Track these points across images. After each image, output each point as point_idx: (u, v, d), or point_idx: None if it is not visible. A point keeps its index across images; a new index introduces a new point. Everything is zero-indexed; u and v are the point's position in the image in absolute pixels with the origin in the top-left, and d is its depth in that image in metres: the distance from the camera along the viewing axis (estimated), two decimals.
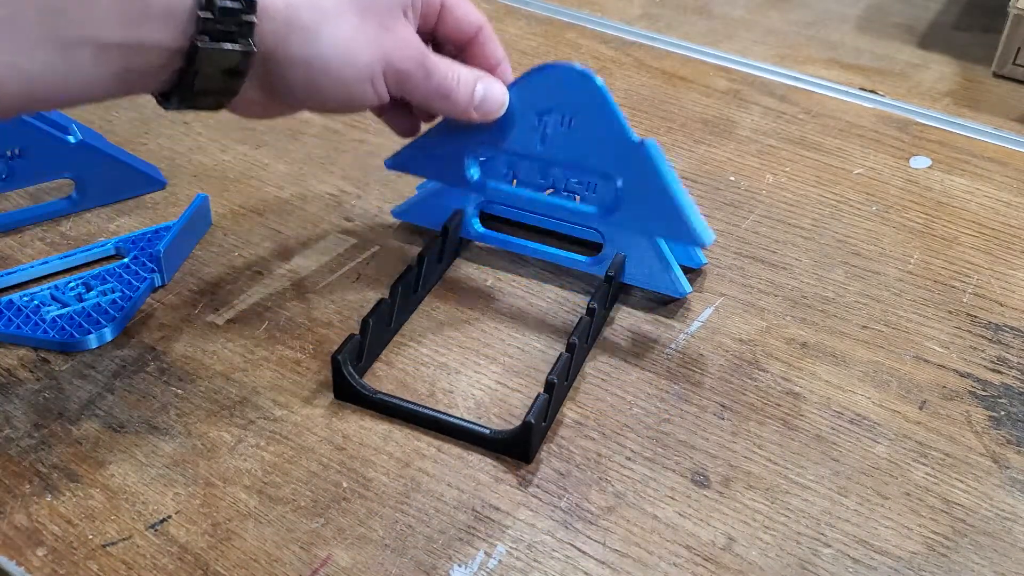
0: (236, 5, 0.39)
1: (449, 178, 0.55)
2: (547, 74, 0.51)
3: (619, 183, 0.52)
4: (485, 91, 0.49)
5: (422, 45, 0.46)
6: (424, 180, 0.60)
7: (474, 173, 0.55)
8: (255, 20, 0.40)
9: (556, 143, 0.52)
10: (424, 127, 0.53)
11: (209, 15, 0.39)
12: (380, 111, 0.52)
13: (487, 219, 0.58)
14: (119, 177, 0.60)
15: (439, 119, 0.53)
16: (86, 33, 0.37)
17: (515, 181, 0.55)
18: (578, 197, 0.54)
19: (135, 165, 0.60)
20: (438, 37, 0.50)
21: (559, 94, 0.51)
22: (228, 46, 0.40)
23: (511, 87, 0.51)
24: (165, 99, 0.42)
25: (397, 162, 0.56)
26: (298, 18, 0.42)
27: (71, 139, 0.56)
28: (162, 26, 0.38)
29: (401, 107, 0.51)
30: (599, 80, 0.50)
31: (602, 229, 0.54)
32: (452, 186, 0.56)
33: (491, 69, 0.51)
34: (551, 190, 0.54)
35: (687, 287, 0.54)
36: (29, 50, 0.36)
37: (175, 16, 0.39)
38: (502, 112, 0.50)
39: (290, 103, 0.46)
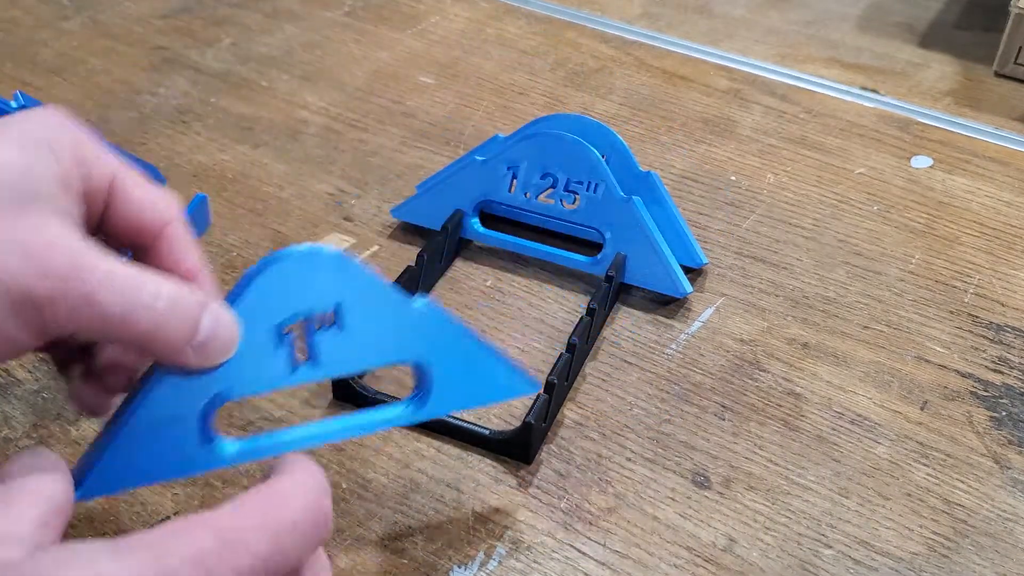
0: None
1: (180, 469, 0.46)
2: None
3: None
4: (214, 322, 0.32)
5: (75, 245, 0.29)
6: (424, 180, 0.60)
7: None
8: None
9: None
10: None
11: None
12: (61, 364, 0.36)
13: (487, 219, 0.58)
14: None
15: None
16: None
17: (514, 182, 0.55)
18: (577, 197, 0.54)
19: (133, 164, 0.60)
20: (108, 233, 0.34)
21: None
22: None
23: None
24: None
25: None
26: None
27: None
28: None
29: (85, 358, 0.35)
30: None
31: (601, 230, 0.54)
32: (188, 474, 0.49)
33: (180, 267, 0.35)
34: (551, 190, 0.54)
35: (688, 287, 0.53)
36: None
37: None
38: (230, 354, 0.33)
39: None
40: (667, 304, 0.55)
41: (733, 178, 0.65)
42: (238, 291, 0.33)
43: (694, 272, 0.56)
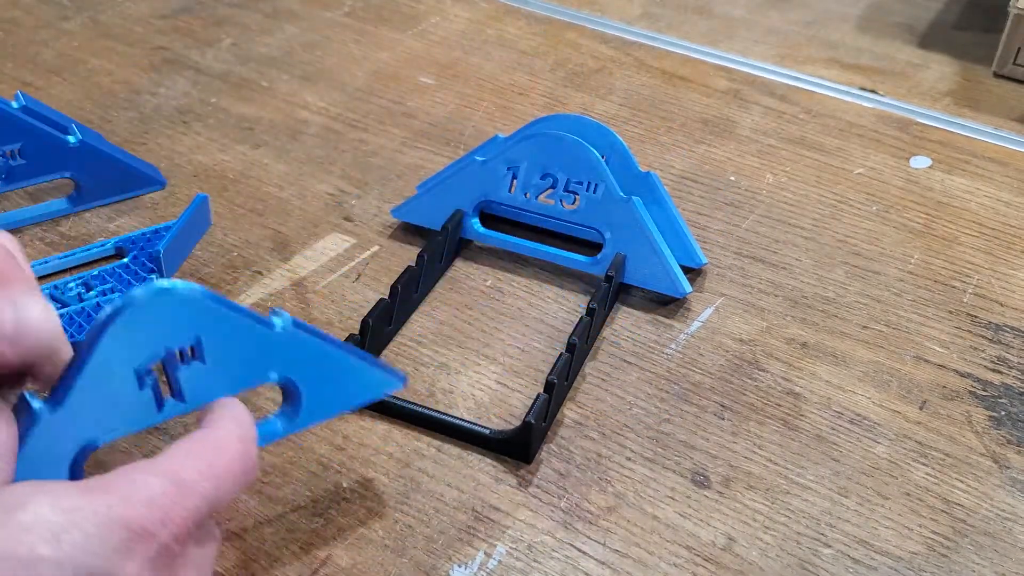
0: None
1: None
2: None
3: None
4: (17, 315, 0.31)
5: None
6: (424, 180, 0.60)
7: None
8: None
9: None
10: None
11: None
12: None
13: (487, 219, 0.58)
14: (118, 177, 0.59)
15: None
16: None
17: (514, 181, 0.55)
18: (577, 197, 0.54)
19: (134, 164, 0.60)
20: None
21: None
22: None
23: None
24: None
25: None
26: None
27: (71, 139, 0.56)
28: None
29: None
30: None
31: (601, 230, 0.54)
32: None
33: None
34: (550, 190, 0.54)
35: (687, 287, 0.54)
36: None
37: None
38: (52, 341, 0.32)
39: None
40: (667, 304, 0.55)
41: (732, 178, 0.66)
42: (92, 339, 0.32)
43: (694, 272, 0.57)
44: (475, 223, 0.57)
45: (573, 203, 0.55)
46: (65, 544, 0.27)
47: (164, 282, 0.33)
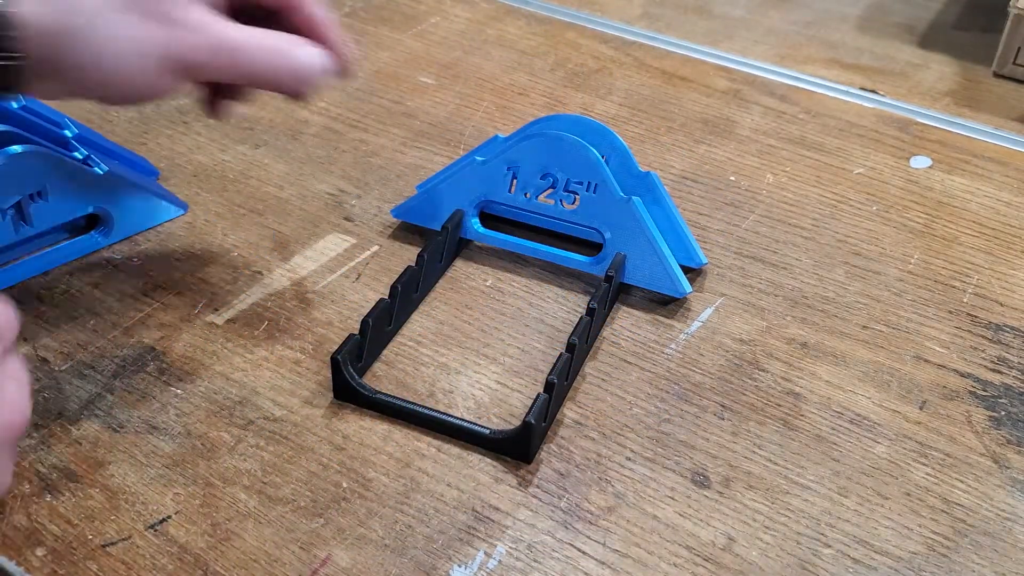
0: None
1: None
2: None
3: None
4: (308, 58, 0.44)
5: (219, 25, 0.42)
6: (424, 180, 0.60)
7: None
8: (14, 35, 0.39)
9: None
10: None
11: None
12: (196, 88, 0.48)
13: (487, 219, 0.58)
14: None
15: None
16: None
17: (515, 181, 0.55)
18: (577, 197, 0.54)
19: (134, 159, 0.60)
20: (250, 2, 0.45)
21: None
22: None
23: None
24: None
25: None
26: (64, 24, 0.40)
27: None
28: None
29: (217, 87, 0.48)
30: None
31: (601, 230, 0.54)
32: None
33: (315, 34, 0.46)
34: (551, 190, 0.55)
35: (687, 287, 0.54)
36: None
37: None
38: (323, 76, 0.45)
39: (93, 96, 0.43)
40: (667, 304, 0.55)
41: (732, 178, 0.66)
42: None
43: (694, 272, 0.57)
44: (475, 223, 0.57)
45: (573, 203, 0.55)
46: None
47: (17, 148, 0.50)
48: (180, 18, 0.41)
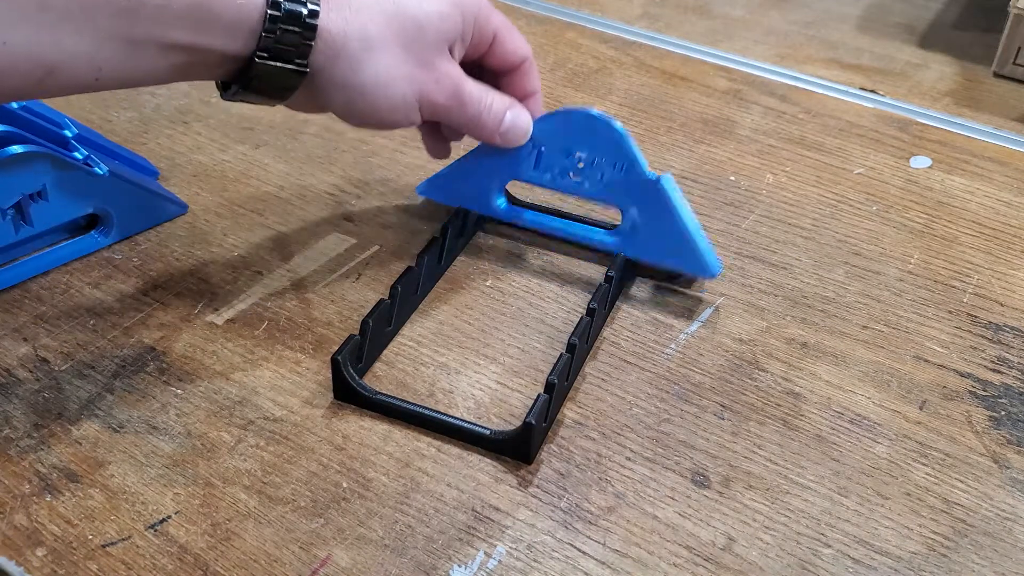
0: (297, 28, 0.43)
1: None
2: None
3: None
4: (513, 120, 0.52)
5: (460, 78, 0.49)
6: (423, 180, 0.60)
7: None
8: (312, 44, 0.43)
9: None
10: (455, 149, 0.56)
11: (272, 35, 0.42)
12: (418, 128, 0.55)
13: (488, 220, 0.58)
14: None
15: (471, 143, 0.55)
16: (155, 33, 0.40)
17: (539, 161, 0.55)
18: (582, 175, 0.54)
19: (134, 159, 0.60)
20: (484, 65, 0.52)
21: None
22: (282, 65, 0.43)
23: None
24: (223, 88, 0.46)
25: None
26: (347, 46, 0.44)
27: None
28: (227, 36, 0.42)
29: (436, 128, 0.55)
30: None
31: (627, 210, 0.54)
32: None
33: (524, 98, 0.53)
34: (581, 165, 0.54)
35: (719, 267, 0.54)
36: (100, 42, 0.39)
37: (241, 29, 0.42)
38: (525, 140, 0.53)
39: (338, 114, 0.48)
40: (667, 304, 0.55)
41: (732, 178, 0.66)
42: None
43: None
44: (501, 201, 0.57)
45: (595, 180, 0.54)
46: None
47: (18, 148, 0.50)
48: (437, 65, 0.48)
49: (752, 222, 0.62)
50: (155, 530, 0.42)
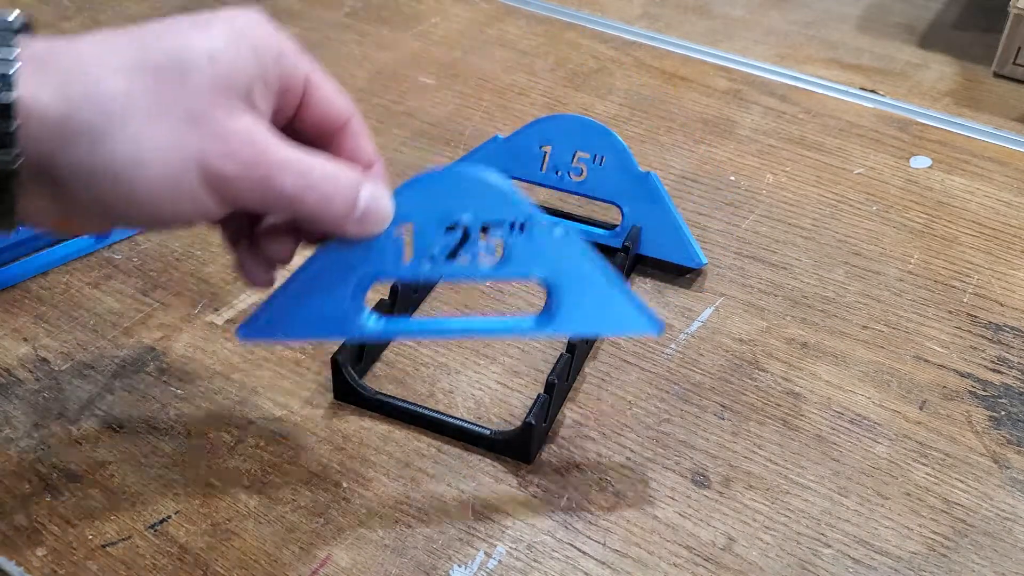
0: None
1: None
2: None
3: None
4: (370, 198, 0.36)
5: (263, 138, 0.34)
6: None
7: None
8: (13, 128, 0.30)
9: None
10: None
11: None
12: (232, 238, 0.39)
13: None
14: None
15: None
16: None
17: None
18: (583, 170, 0.55)
19: None
20: (297, 127, 0.38)
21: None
22: None
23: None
24: None
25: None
26: (77, 121, 0.31)
27: None
28: None
29: (244, 229, 0.39)
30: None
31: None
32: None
33: (359, 164, 0.39)
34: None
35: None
36: None
37: None
38: (387, 225, 0.37)
39: (95, 217, 0.34)
40: (666, 304, 0.55)
41: (732, 178, 0.66)
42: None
43: (693, 272, 0.57)
44: (368, 318, 0.55)
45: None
46: None
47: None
48: (219, 121, 0.33)
49: (752, 222, 0.62)
50: (155, 530, 0.42)
